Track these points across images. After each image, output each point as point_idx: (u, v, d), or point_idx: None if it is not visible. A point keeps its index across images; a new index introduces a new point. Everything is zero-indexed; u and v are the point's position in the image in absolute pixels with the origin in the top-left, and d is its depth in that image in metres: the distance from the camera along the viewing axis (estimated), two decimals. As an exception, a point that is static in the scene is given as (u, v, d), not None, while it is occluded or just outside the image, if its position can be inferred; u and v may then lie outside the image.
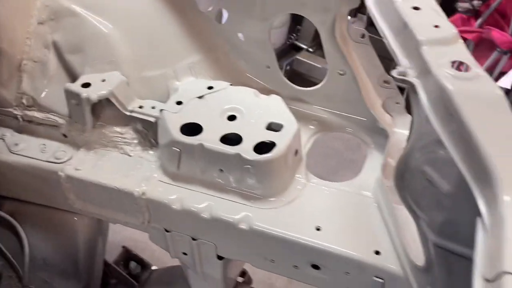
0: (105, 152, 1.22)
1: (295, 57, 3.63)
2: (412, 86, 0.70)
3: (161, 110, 1.18)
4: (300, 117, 1.32)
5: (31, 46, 1.24)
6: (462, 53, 0.69)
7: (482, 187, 0.59)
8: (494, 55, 2.64)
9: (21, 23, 1.22)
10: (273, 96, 1.24)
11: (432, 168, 0.70)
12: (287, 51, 3.65)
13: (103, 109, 1.22)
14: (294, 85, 1.36)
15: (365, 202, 1.09)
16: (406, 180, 0.81)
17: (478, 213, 0.59)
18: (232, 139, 1.12)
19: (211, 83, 1.27)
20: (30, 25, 1.23)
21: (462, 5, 2.58)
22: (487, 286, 0.50)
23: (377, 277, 0.96)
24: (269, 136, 1.10)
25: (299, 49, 3.71)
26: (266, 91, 1.38)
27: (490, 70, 2.75)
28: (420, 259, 0.85)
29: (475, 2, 2.52)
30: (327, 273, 1.04)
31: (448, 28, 0.72)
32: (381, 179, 1.03)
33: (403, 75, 0.72)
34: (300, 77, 3.62)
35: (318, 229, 1.03)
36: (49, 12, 1.24)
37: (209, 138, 1.09)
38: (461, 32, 2.77)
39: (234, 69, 1.39)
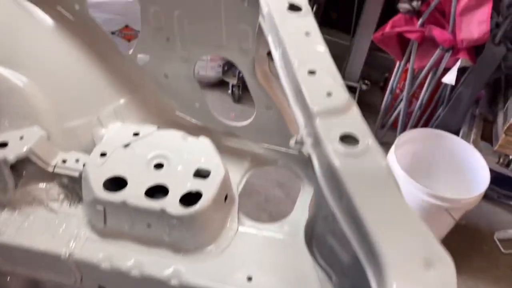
0: (30, 210, 1.18)
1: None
2: (308, 156, 0.70)
3: (84, 164, 1.14)
4: (234, 153, 1.31)
5: None
6: (353, 123, 0.69)
7: (374, 269, 0.59)
8: (437, 53, 2.69)
9: None
10: (201, 138, 1.22)
11: (333, 238, 0.70)
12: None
13: (25, 167, 1.17)
14: (224, 120, 1.34)
15: (296, 243, 1.09)
16: (314, 243, 0.81)
17: None
18: (160, 187, 1.10)
19: (137, 129, 1.24)
20: None
21: (402, 6, 2.60)
22: None
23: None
24: (196, 185, 1.09)
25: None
26: (198, 129, 1.36)
27: (435, 68, 2.80)
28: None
29: (415, 3, 2.55)
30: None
31: (341, 95, 0.71)
32: (309, 222, 1.03)
33: (300, 144, 0.71)
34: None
35: (249, 279, 1.02)
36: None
37: (134, 193, 1.07)
38: (404, 32, 2.78)
39: (163, 108, 1.36)
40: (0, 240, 1.11)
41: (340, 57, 3.51)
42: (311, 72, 0.76)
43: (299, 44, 0.82)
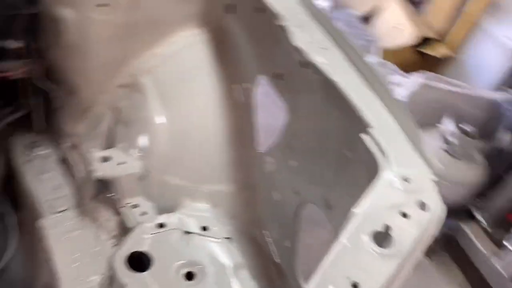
0: (87, 225, 1.20)
1: (460, 224, 2.99)
2: None
3: (139, 222, 1.08)
4: None
5: (102, 101, 1.30)
6: None
7: None
8: None
9: (105, 78, 1.29)
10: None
11: None
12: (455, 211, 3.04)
13: (110, 189, 1.19)
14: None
15: None
16: None
17: None
18: None
19: (210, 224, 1.11)
20: (111, 84, 1.29)
21: None
22: None
23: None
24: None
25: (471, 216, 3.04)
26: (273, 265, 1.14)
27: None
28: None
29: None
30: None
31: None
32: None
33: None
34: (453, 249, 2.98)
35: None
36: (130, 80, 1.28)
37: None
38: None
39: (257, 220, 1.19)
40: (44, 233, 1.16)
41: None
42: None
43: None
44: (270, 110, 1.21)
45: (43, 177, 1.33)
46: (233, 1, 1.17)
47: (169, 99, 1.24)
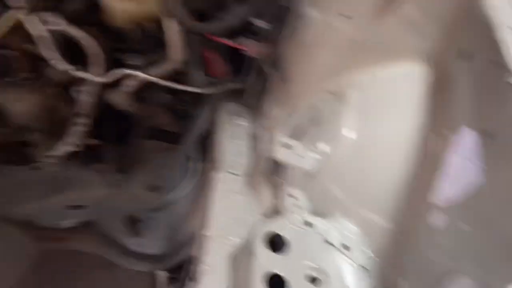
0: (248, 194, 1.32)
1: None
2: None
3: (290, 212, 1.14)
4: None
5: (306, 97, 1.40)
6: None
7: None
8: None
9: (318, 80, 1.38)
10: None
11: None
12: None
13: (279, 171, 1.28)
14: None
15: None
16: None
17: None
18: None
19: (352, 246, 1.10)
20: (320, 86, 1.38)
21: None
22: None
23: None
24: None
25: None
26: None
27: None
28: None
29: None
30: None
31: None
32: None
33: None
34: None
35: None
36: (336, 89, 1.34)
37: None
38: None
39: (399, 267, 1.12)
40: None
41: None
42: None
43: None
44: (463, 166, 1.12)
45: (233, 141, 1.51)
46: (469, 48, 1.12)
47: (365, 119, 1.26)
